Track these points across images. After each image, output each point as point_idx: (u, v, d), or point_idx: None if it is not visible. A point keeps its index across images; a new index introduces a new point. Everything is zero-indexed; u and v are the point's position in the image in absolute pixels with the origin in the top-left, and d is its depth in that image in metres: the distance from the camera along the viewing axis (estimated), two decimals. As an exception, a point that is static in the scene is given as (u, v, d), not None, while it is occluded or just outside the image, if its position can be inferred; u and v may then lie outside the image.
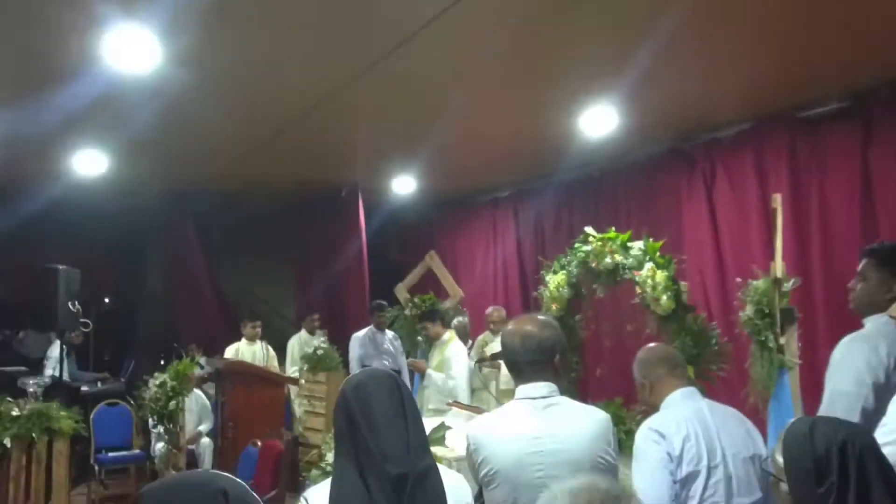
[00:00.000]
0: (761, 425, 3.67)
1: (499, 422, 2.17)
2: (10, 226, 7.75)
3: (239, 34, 3.87)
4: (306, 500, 1.71)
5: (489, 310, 6.81)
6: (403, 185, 7.89)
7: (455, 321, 6.52)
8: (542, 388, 2.14)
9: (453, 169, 7.56)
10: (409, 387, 6.46)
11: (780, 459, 1.51)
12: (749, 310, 3.51)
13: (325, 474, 2.63)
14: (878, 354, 2.35)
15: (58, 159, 6.50)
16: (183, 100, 4.84)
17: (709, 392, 3.64)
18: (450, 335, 5.91)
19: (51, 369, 8.01)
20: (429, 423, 2.55)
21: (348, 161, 7.16)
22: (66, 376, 7.45)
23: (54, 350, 8.19)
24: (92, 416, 6.93)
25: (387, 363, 6.66)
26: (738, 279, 3.78)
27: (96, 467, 6.88)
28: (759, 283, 3.52)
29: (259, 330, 7.66)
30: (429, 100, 5.15)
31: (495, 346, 5.87)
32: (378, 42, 4.00)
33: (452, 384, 5.57)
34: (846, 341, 2.49)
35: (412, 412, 1.77)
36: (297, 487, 5.25)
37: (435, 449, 2.97)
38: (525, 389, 2.17)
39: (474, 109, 5.37)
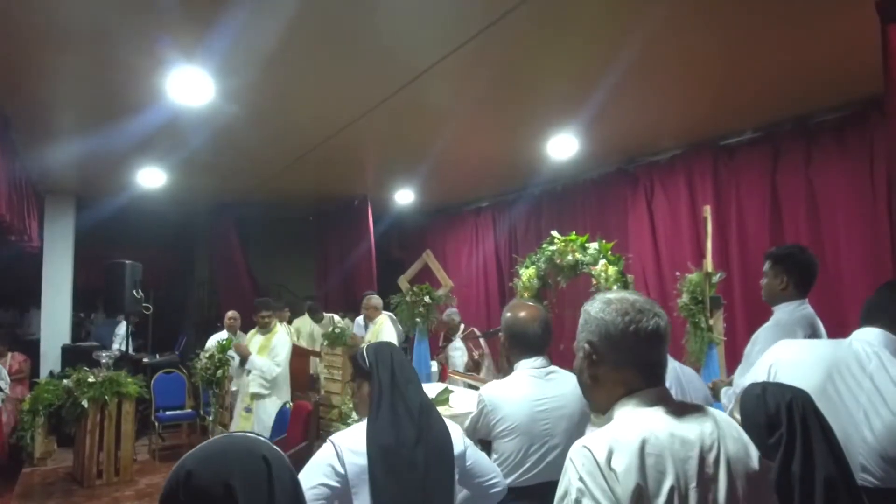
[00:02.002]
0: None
1: (512, 387, 2.18)
2: (88, 227, 7.71)
3: (275, 76, 3.85)
4: (332, 442, 1.74)
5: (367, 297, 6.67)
6: (404, 197, 7.88)
7: (445, 315, 6.44)
8: (540, 360, 2.20)
9: (444, 184, 7.56)
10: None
11: (737, 417, 1.53)
12: (685, 297, 3.56)
13: (347, 426, 2.65)
14: (795, 338, 2.40)
15: (127, 175, 6.45)
16: (229, 128, 4.82)
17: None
18: (275, 324, 5.69)
19: (118, 344, 7.96)
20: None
21: (360, 177, 7.14)
22: (130, 350, 7.42)
23: (121, 329, 8.14)
24: (152, 382, 6.87)
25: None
26: (677, 273, 3.82)
27: (156, 423, 6.83)
28: (693, 277, 3.57)
29: (288, 314, 7.65)
30: (425, 129, 5.15)
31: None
32: (385, 84, 4.01)
33: (277, 369, 5.37)
34: (768, 326, 2.54)
35: (411, 369, 1.97)
36: (322, 438, 5.25)
37: (440, 409, 3.00)
38: (528, 362, 2.21)
39: (462, 137, 5.37)
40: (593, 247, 4.34)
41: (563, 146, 5.44)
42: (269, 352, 5.42)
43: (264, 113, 4.61)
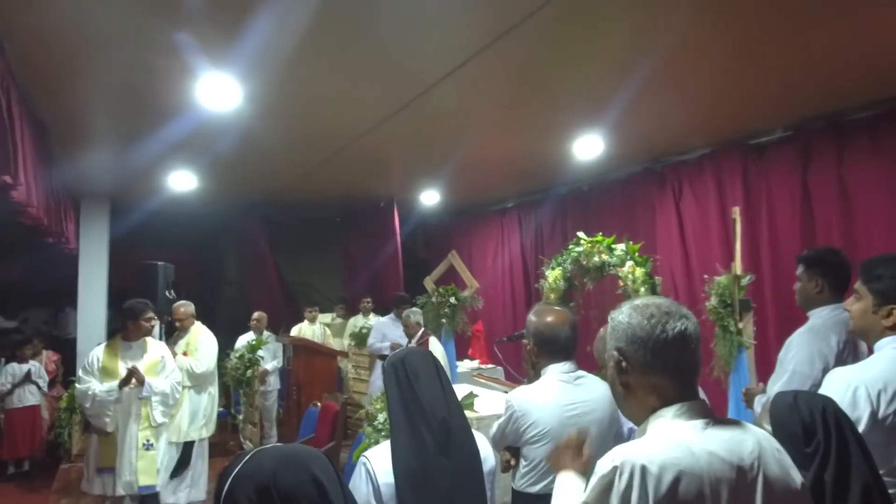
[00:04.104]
0: (724, 394, 3.67)
1: (542, 393, 2.15)
2: (123, 230, 7.86)
3: (301, 80, 3.87)
4: (367, 459, 1.73)
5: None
6: (429, 198, 7.88)
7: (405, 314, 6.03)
8: (569, 366, 2.17)
9: (470, 184, 7.54)
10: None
11: (767, 427, 1.49)
12: (713, 300, 3.49)
13: (377, 431, 2.65)
14: (829, 345, 2.34)
15: (159, 178, 6.55)
16: (256, 131, 4.86)
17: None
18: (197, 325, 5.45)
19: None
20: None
21: (386, 179, 7.15)
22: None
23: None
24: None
25: (401, 342, 6.41)
26: (705, 276, 3.75)
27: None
28: (722, 279, 3.50)
29: (316, 314, 7.72)
30: (450, 131, 5.13)
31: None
32: (410, 86, 3.99)
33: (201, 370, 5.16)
34: (802, 332, 2.47)
35: (444, 376, 1.90)
36: (348, 437, 5.29)
37: (466, 412, 2.98)
38: (557, 367, 2.18)
39: (487, 138, 5.35)
40: (620, 248, 4.29)
41: (588, 146, 5.38)
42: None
43: (290, 117, 4.64)
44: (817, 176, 4.70)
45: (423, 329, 5.55)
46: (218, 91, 3.93)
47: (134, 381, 4.12)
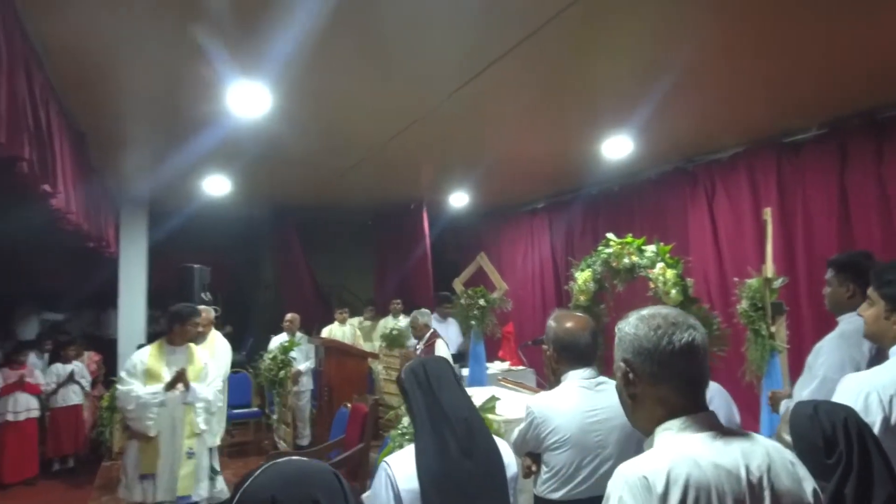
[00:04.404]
0: (756, 398, 3.60)
1: (562, 399, 2.14)
2: (161, 234, 8.08)
3: (329, 86, 3.92)
4: (388, 465, 1.75)
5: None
6: (458, 200, 7.90)
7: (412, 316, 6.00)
8: (589, 372, 2.16)
9: (499, 186, 7.52)
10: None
11: (787, 438, 1.46)
12: (744, 304, 3.42)
13: (402, 434, 2.67)
14: (861, 350, 2.30)
15: (194, 184, 6.71)
16: (286, 137, 4.94)
17: (712, 370, 3.56)
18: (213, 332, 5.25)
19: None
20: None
21: (415, 181, 7.19)
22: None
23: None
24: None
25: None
26: (735, 279, 3.67)
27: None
28: (753, 282, 3.43)
29: (347, 315, 7.78)
30: (478, 133, 5.14)
31: None
32: (438, 90, 4.01)
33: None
34: (832, 337, 2.42)
35: (459, 379, 1.97)
36: (379, 438, 5.32)
37: (488, 416, 2.99)
38: (578, 373, 2.17)
39: (515, 139, 5.34)
40: (650, 249, 4.23)
41: (617, 147, 5.32)
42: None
43: (319, 122, 4.70)
44: (855, 175, 4.56)
45: (430, 330, 5.55)
46: (249, 99, 4.02)
47: (180, 385, 4.00)
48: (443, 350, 5.39)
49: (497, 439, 1.90)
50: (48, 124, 3.16)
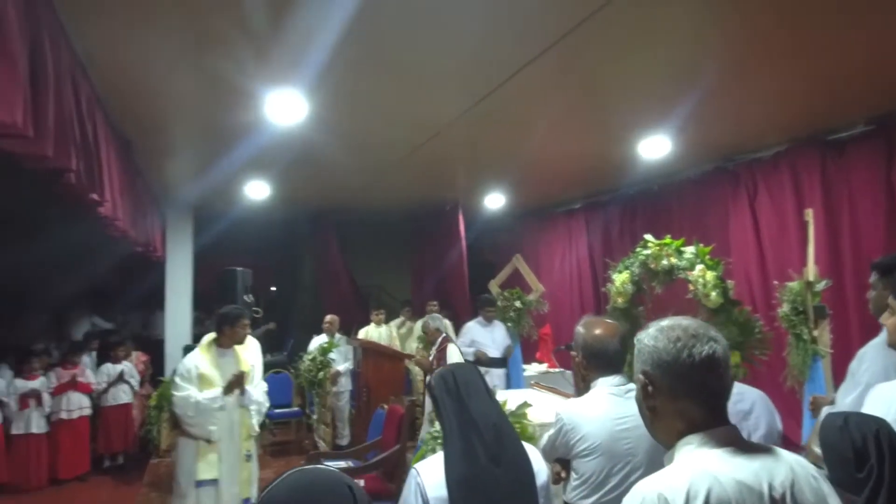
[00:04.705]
0: (798, 404, 3.49)
1: (591, 406, 2.13)
2: (205, 238, 8.31)
3: (364, 91, 3.96)
4: (417, 473, 1.76)
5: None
6: (494, 201, 7.88)
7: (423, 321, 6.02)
8: (619, 378, 2.14)
9: (535, 186, 7.48)
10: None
11: (816, 450, 1.42)
12: (785, 307, 3.33)
13: (434, 438, 2.69)
14: None
15: (236, 189, 6.89)
16: (323, 142, 5.00)
17: (753, 374, 3.47)
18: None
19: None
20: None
21: (450, 183, 7.21)
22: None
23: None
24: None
25: (491, 349, 6.28)
26: (775, 282, 3.58)
27: (266, 420, 7.19)
28: (794, 285, 3.34)
29: (383, 316, 7.83)
30: (513, 134, 5.12)
31: None
32: (472, 91, 4.01)
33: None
34: (876, 343, 2.34)
35: (488, 387, 1.96)
36: (415, 438, 5.35)
37: (522, 420, 2.98)
38: (607, 380, 2.15)
39: (550, 140, 5.29)
40: (689, 251, 4.15)
41: (654, 147, 5.24)
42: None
43: (355, 127, 4.76)
44: (905, 172, 4.38)
45: (443, 335, 5.54)
46: (286, 106, 4.10)
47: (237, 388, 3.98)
48: (455, 355, 5.38)
49: (527, 446, 1.90)
50: (94, 135, 3.28)
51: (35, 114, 2.12)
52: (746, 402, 2.29)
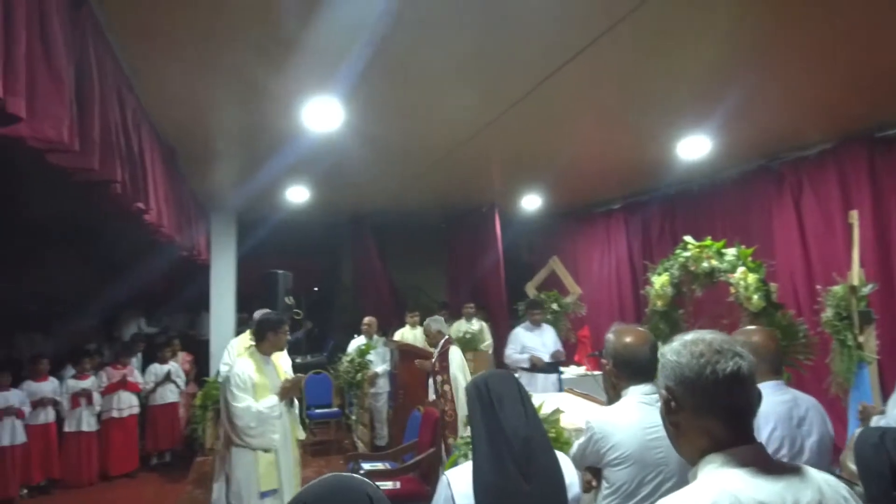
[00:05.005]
0: (842, 411, 3.38)
1: (622, 414, 2.11)
2: (250, 243, 8.53)
3: (400, 95, 3.99)
4: (449, 481, 1.78)
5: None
6: (531, 202, 7.83)
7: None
8: (650, 387, 2.12)
9: (572, 187, 7.40)
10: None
11: (851, 466, 1.37)
12: (829, 312, 3.23)
13: (466, 444, 2.70)
14: None
15: (278, 195, 7.04)
16: (359, 147, 5.07)
17: (797, 380, 3.38)
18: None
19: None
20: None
21: (486, 185, 7.19)
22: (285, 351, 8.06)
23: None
24: (303, 382, 7.38)
25: (542, 354, 6.15)
26: (818, 286, 3.47)
27: (307, 420, 7.33)
28: (837, 289, 3.24)
29: (418, 318, 7.86)
30: (550, 135, 5.07)
31: None
32: (507, 94, 3.99)
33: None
34: None
35: (526, 397, 1.92)
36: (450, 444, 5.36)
37: (557, 425, 2.96)
38: (638, 389, 2.13)
39: (587, 140, 5.25)
40: (731, 253, 4.08)
41: (694, 146, 5.13)
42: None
43: (389, 130, 4.79)
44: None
45: (445, 337, 5.53)
46: (323, 113, 4.18)
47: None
48: (457, 358, 5.37)
49: (561, 457, 1.88)
50: (139, 145, 3.40)
51: (81, 129, 2.22)
52: (801, 407, 2.26)
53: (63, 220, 8.19)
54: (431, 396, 5.43)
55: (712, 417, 1.14)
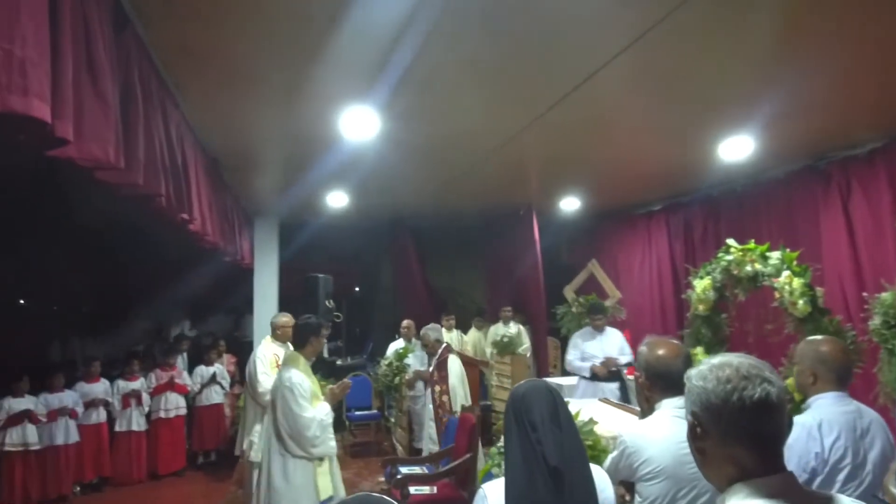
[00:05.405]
0: (890, 422, 3.25)
1: (655, 428, 2.09)
2: (292, 248, 8.71)
3: (437, 99, 3.99)
4: (486, 495, 1.79)
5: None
6: (570, 204, 7.75)
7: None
8: (682, 400, 2.07)
9: (611, 188, 7.30)
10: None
11: (894, 490, 1.33)
12: (877, 320, 3.12)
13: (499, 454, 2.71)
14: None
15: (318, 200, 7.17)
16: (396, 153, 5.13)
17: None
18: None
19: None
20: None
21: (524, 187, 7.15)
22: (325, 353, 8.20)
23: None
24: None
25: (597, 359, 5.77)
26: (864, 294, 3.35)
27: (347, 422, 7.45)
28: (886, 296, 3.13)
29: (453, 322, 7.90)
30: (589, 137, 5.01)
31: None
32: (546, 96, 3.98)
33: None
34: None
35: (565, 416, 1.87)
36: (492, 443, 5.37)
37: (588, 434, 2.94)
38: (672, 402, 2.10)
39: (627, 141, 5.17)
40: (775, 256, 3.98)
41: (736, 147, 5.02)
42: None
43: (426, 135, 4.82)
44: None
45: (443, 346, 5.46)
46: (361, 122, 4.25)
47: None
48: (456, 367, 5.31)
49: (596, 470, 1.87)
50: (183, 158, 3.52)
51: (126, 148, 2.32)
52: (865, 420, 2.22)
53: (114, 226, 8.51)
54: (428, 406, 5.43)
55: (739, 445, 1.11)
